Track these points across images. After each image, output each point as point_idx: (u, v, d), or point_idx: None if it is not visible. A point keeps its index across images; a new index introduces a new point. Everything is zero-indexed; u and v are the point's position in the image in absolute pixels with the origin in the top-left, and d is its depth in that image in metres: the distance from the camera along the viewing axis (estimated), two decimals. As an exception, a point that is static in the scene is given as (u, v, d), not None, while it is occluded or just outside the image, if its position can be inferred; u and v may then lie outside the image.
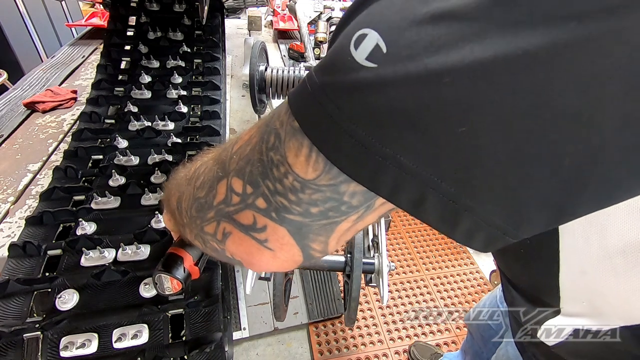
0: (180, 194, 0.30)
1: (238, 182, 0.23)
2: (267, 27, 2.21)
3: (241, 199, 0.22)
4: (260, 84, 0.89)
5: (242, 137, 0.24)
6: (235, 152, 0.23)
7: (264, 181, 0.21)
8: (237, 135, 0.25)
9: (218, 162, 0.25)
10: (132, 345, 0.59)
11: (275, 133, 0.21)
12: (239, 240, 0.24)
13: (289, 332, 1.36)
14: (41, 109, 1.22)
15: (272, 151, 0.21)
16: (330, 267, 0.66)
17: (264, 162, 0.21)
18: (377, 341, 1.39)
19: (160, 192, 0.83)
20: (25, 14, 2.64)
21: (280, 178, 0.20)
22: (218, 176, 0.24)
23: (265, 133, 0.21)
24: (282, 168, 0.20)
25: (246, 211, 0.22)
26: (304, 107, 0.19)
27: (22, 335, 0.59)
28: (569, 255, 0.30)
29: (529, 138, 0.16)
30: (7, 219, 0.83)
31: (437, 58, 0.15)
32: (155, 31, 1.29)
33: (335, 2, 1.21)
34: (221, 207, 0.24)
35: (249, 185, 0.22)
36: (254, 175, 0.22)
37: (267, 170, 0.21)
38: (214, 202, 0.24)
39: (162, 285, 0.43)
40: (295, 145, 0.20)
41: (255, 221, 0.22)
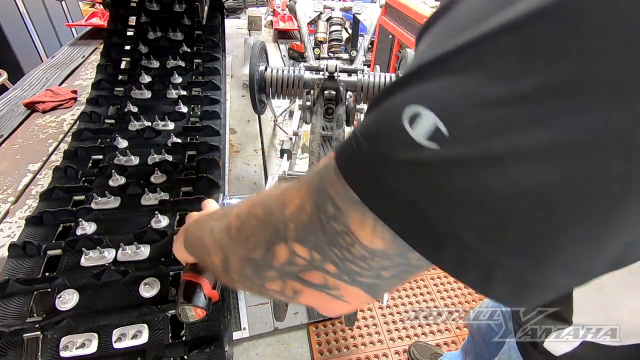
0: (225, 254, 0.30)
1: (302, 249, 0.23)
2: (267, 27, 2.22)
3: (308, 263, 0.23)
4: (260, 84, 0.89)
5: (288, 199, 0.24)
6: (289, 218, 0.24)
7: (331, 250, 0.22)
8: (278, 192, 0.26)
9: (267, 224, 0.25)
10: (132, 345, 0.59)
11: (332, 203, 0.21)
12: (312, 296, 0.24)
13: (289, 332, 1.36)
14: (41, 109, 1.22)
15: (333, 221, 0.21)
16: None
17: (327, 231, 0.21)
18: (377, 341, 1.38)
19: (160, 192, 0.83)
20: (25, 14, 2.64)
21: (348, 247, 0.21)
22: (273, 240, 0.25)
23: (319, 201, 0.22)
24: (348, 238, 0.21)
25: (315, 272, 0.23)
26: (360, 179, 0.20)
27: (22, 335, 0.59)
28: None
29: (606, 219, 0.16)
30: (7, 219, 0.83)
31: (504, 141, 0.16)
32: (155, 31, 1.29)
33: (335, 2, 1.21)
34: (284, 268, 0.24)
35: (315, 252, 0.22)
36: (319, 244, 0.22)
37: (333, 239, 0.21)
38: (274, 263, 0.25)
39: (186, 315, 0.43)
40: (358, 216, 0.20)
41: (326, 282, 0.23)
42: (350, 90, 0.90)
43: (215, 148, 0.98)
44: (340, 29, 1.14)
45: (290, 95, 0.92)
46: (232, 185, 0.96)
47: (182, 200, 0.82)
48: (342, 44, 1.13)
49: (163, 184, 0.88)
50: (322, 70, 0.87)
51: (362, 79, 0.88)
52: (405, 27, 2.20)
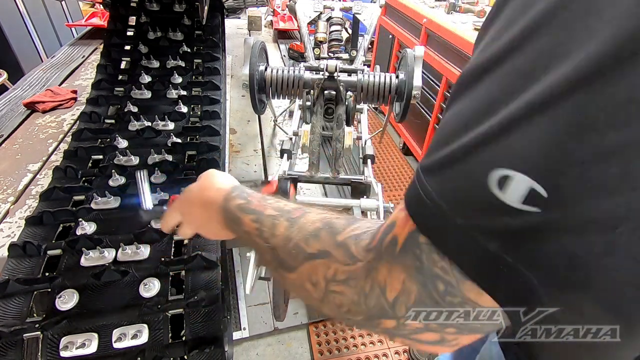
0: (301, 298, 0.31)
1: (416, 324, 0.24)
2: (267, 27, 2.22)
3: (423, 328, 0.24)
4: (260, 84, 0.89)
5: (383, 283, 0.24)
6: (394, 301, 0.24)
7: (451, 318, 0.23)
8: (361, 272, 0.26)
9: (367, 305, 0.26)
10: (132, 345, 0.59)
11: (442, 280, 0.22)
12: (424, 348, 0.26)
13: (289, 332, 1.36)
14: (41, 109, 1.22)
15: (449, 296, 0.22)
16: (330, 267, 0.66)
17: (442, 305, 0.22)
18: (377, 341, 1.38)
19: (160, 192, 0.82)
20: (25, 14, 2.64)
21: (468, 314, 0.22)
22: (379, 314, 0.25)
23: (426, 281, 0.22)
24: (468, 305, 0.22)
25: (432, 334, 0.24)
26: (466, 256, 0.20)
27: (22, 335, 0.59)
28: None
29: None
30: (7, 219, 0.83)
31: (608, 200, 0.15)
32: (155, 31, 1.29)
33: (335, 2, 1.21)
34: (393, 332, 0.26)
35: (432, 322, 0.24)
36: (435, 318, 0.23)
37: (452, 312, 0.22)
38: (381, 327, 0.26)
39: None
40: (474, 288, 0.20)
41: (443, 339, 0.24)
42: (350, 90, 0.90)
43: (215, 148, 0.98)
44: (340, 29, 1.14)
45: (290, 95, 0.92)
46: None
47: (182, 200, 0.82)
48: (342, 44, 1.13)
49: (163, 184, 0.88)
50: (322, 70, 0.87)
51: (362, 79, 0.88)
52: (405, 27, 2.20)
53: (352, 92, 0.91)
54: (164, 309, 0.63)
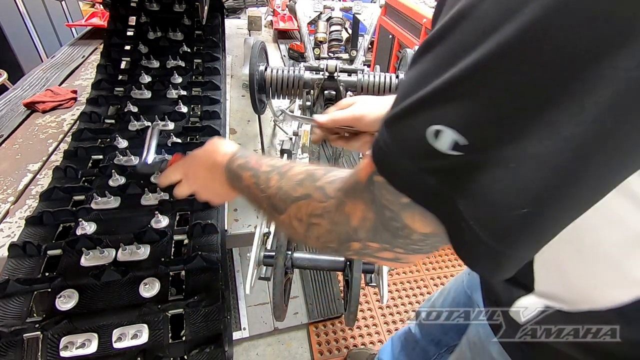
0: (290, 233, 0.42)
1: (374, 244, 0.31)
2: (267, 27, 2.21)
3: (380, 249, 0.32)
4: (260, 84, 0.89)
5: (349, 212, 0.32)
6: (357, 227, 0.31)
7: (396, 240, 0.30)
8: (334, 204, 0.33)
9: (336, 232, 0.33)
10: (132, 345, 0.59)
11: (389, 209, 0.29)
12: (386, 264, 0.34)
13: (289, 332, 1.36)
14: (41, 109, 1.22)
15: (393, 222, 0.29)
16: (330, 267, 0.66)
17: (390, 229, 0.29)
18: (377, 341, 1.38)
19: (160, 192, 0.83)
20: (25, 14, 2.64)
21: (408, 236, 0.29)
22: (346, 240, 0.33)
23: (378, 211, 0.29)
24: (407, 230, 0.29)
25: (387, 252, 0.32)
26: (410, 187, 0.27)
27: (22, 335, 0.59)
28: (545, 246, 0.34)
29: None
30: (7, 219, 0.83)
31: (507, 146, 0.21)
32: (155, 31, 1.29)
33: (335, 2, 1.21)
34: (361, 251, 0.33)
35: (385, 244, 0.31)
36: (386, 239, 0.30)
37: (396, 233, 0.29)
38: (351, 249, 0.33)
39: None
40: (411, 215, 0.28)
41: (397, 257, 0.32)
42: (350, 90, 0.90)
43: (215, 148, 0.97)
44: (340, 29, 1.14)
45: (290, 95, 0.92)
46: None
47: (182, 200, 0.82)
48: (342, 44, 1.13)
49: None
50: (322, 70, 0.87)
51: (362, 79, 0.88)
52: (405, 27, 2.20)
53: (352, 92, 0.91)
54: (164, 309, 0.63)
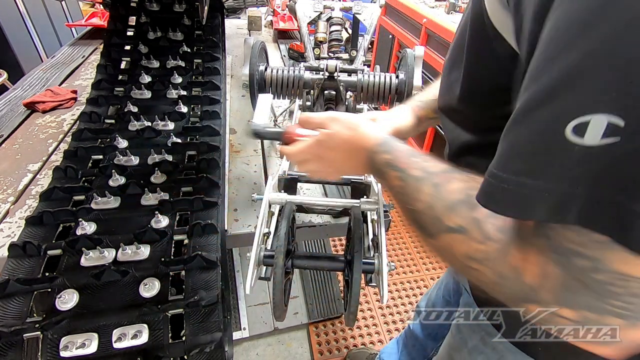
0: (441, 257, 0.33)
1: (569, 312, 0.23)
2: (267, 27, 2.21)
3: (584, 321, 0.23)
4: (260, 84, 0.89)
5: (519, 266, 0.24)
6: (536, 286, 0.24)
7: (607, 303, 0.21)
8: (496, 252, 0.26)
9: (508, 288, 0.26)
10: (132, 345, 0.59)
11: (582, 255, 0.21)
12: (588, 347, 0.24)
13: (289, 332, 1.36)
14: (41, 109, 1.22)
15: (594, 273, 0.21)
16: (330, 267, 0.66)
17: (592, 287, 0.21)
18: (377, 341, 1.38)
19: (160, 192, 0.83)
20: (25, 14, 2.64)
21: (626, 289, 0.20)
22: (523, 299, 0.25)
23: (563, 261, 0.22)
24: (620, 282, 0.20)
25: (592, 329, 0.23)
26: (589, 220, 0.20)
27: (22, 335, 0.59)
28: None
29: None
30: (7, 219, 0.83)
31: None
32: (155, 31, 1.29)
33: (335, 2, 1.21)
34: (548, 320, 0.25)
35: (588, 312, 0.22)
36: (590, 303, 0.22)
37: (604, 292, 0.21)
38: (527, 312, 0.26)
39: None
40: (617, 256, 0.20)
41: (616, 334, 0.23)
42: (350, 90, 0.90)
43: (215, 148, 0.98)
44: (340, 29, 1.14)
45: (290, 95, 0.92)
46: (232, 185, 0.96)
47: (182, 200, 0.82)
48: (342, 44, 1.13)
49: (163, 184, 0.88)
50: (322, 70, 0.87)
51: (362, 79, 0.88)
52: (405, 27, 2.20)
53: (352, 92, 0.91)
54: (164, 309, 0.63)
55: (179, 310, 0.64)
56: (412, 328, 0.98)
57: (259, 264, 0.63)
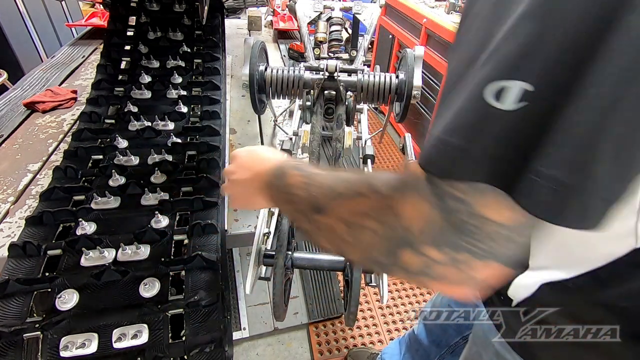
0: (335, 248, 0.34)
1: (432, 251, 0.26)
2: (267, 27, 2.21)
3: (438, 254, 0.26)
4: (260, 84, 0.89)
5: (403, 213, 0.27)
6: (410, 225, 0.26)
7: (462, 239, 0.24)
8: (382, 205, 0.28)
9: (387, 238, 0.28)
10: (132, 345, 0.59)
11: (461, 201, 0.24)
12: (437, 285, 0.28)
13: (289, 332, 1.36)
14: (41, 109, 1.22)
15: (459, 213, 0.24)
16: (330, 267, 0.66)
17: (456, 225, 0.24)
18: (377, 341, 1.38)
19: (160, 192, 0.83)
20: (25, 14, 2.64)
21: (479, 228, 0.24)
22: (398, 244, 0.27)
23: (445, 207, 0.24)
24: (476, 221, 0.23)
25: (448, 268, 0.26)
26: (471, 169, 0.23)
27: (22, 335, 0.59)
28: None
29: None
30: (7, 219, 0.82)
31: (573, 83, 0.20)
32: (155, 31, 1.29)
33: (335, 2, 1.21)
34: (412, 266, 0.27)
35: (447, 248, 0.25)
36: (452, 240, 0.25)
37: (462, 229, 0.24)
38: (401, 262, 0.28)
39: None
40: (479, 199, 0.23)
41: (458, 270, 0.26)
42: (350, 90, 0.90)
43: (215, 148, 0.98)
44: (340, 29, 1.14)
45: (290, 95, 0.92)
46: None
47: (182, 200, 0.82)
48: (342, 44, 1.13)
49: (163, 184, 0.88)
50: (322, 70, 0.87)
51: (362, 79, 0.88)
52: (405, 27, 2.20)
53: (352, 92, 0.91)
54: (164, 309, 0.63)
55: (179, 310, 0.64)
56: (417, 333, 0.98)
57: (259, 264, 0.63)
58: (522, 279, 0.42)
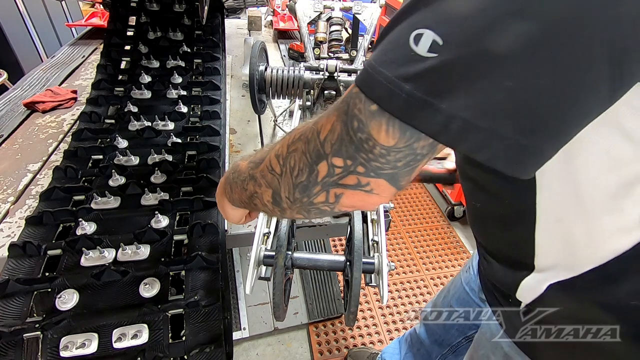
0: (274, 189, 0.37)
1: (338, 159, 0.30)
2: (267, 27, 2.21)
3: (343, 170, 0.30)
4: (260, 84, 0.89)
5: (321, 126, 0.31)
6: (325, 139, 0.31)
7: (359, 154, 0.29)
8: (311, 124, 0.33)
9: (308, 151, 0.32)
10: (132, 345, 0.59)
11: (357, 118, 0.28)
12: (351, 196, 0.32)
13: (289, 332, 1.36)
14: (41, 109, 1.22)
15: (358, 132, 0.28)
16: (330, 267, 0.66)
17: (354, 141, 0.28)
18: (377, 341, 1.38)
19: (160, 192, 0.83)
20: (25, 14, 2.64)
21: (370, 149, 0.28)
22: (315, 160, 0.32)
23: (347, 120, 0.29)
24: (370, 142, 0.28)
25: (350, 176, 0.30)
26: (381, 94, 0.26)
27: (22, 335, 0.59)
28: (546, 207, 0.36)
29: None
30: (7, 219, 0.82)
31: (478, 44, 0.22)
32: (155, 31, 1.29)
33: (335, 2, 1.21)
34: (326, 180, 0.32)
35: (348, 160, 0.30)
36: (350, 152, 0.29)
37: (359, 146, 0.28)
38: (318, 179, 0.32)
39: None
40: (376, 124, 0.27)
41: (359, 181, 0.30)
42: (350, 90, 0.90)
43: (215, 148, 0.98)
44: (340, 29, 1.14)
45: (290, 95, 0.92)
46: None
47: (182, 200, 0.82)
48: (342, 44, 1.13)
49: (163, 184, 0.88)
50: (322, 70, 0.87)
51: (362, 79, 0.88)
52: (405, 27, 2.19)
53: (352, 92, 0.90)
54: (164, 309, 0.63)
55: (179, 310, 0.64)
56: (418, 332, 0.98)
57: (259, 264, 0.63)
58: (528, 281, 0.42)
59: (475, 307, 0.77)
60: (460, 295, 0.81)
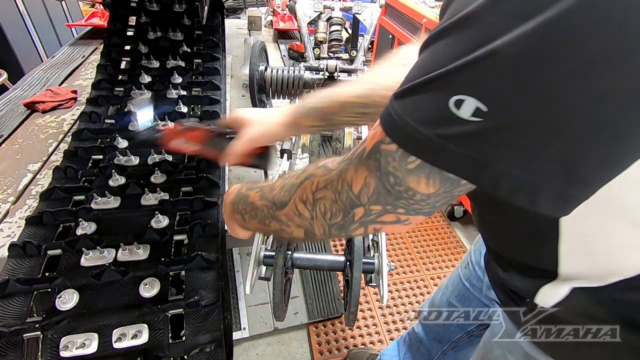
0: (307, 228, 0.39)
1: (376, 207, 0.33)
2: (267, 27, 2.21)
3: (382, 211, 0.33)
4: (260, 84, 0.89)
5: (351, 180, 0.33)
6: (360, 192, 0.33)
7: (398, 202, 0.31)
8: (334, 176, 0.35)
9: (340, 200, 0.35)
10: (132, 345, 0.59)
11: (393, 175, 0.30)
12: (389, 228, 0.35)
13: (289, 332, 1.36)
14: (41, 109, 1.22)
15: (396, 186, 0.30)
16: (330, 267, 0.66)
17: (392, 193, 0.31)
18: (377, 341, 1.38)
19: (160, 192, 0.83)
20: (25, 14, 2.64)
21: (411, 197, 0.30)
22: (350, 206, 0.34)
23: (381, 177, 0.31)
24: (410, 192, 0.30)
25: (388, 215, 0.33)
26: (423, 151, 0.27)
27: (22, 335, 0.59)
28: (570, 223, 0.36)
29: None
30: (7, 219, 0.83)
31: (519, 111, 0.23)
32: (155, 31, 1.29)
33: (335, 2, 1.21)
34: (363, 220, 0.34)
35: (387, 206, 0.32)
36: (389, 201, 0.32)
37: (398, 196, 0.31)
38: (355, 219, 0.35)
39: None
40: (415, 178, 0.29)
41: (398, 219, 0.33)
42: (350, 90, 0.90)
43: (215, 148, 0.97)
44: (340, 29, 1.14)
45: (290, 95, 0.92)
46: (232, 185, 0.96)
47: (182, 200, 0.83)
48: (342, 44, 1.13)
49: (163, 184, 0.88)
50: (322, 70, 0.87)
51: (362, 79, 0.88)
52: (405, 27, 2.19)
53: (352, 92, 0.90)
54: (164, 309, 0.63)
55: (179, 310, 0.64)
56: (417, 331, 0.98)
57: (259, 264, 0.63)
58: (550, 288, 0.42)
59: (477, 303, 0.77)
60: (460, 291, 0.81)
